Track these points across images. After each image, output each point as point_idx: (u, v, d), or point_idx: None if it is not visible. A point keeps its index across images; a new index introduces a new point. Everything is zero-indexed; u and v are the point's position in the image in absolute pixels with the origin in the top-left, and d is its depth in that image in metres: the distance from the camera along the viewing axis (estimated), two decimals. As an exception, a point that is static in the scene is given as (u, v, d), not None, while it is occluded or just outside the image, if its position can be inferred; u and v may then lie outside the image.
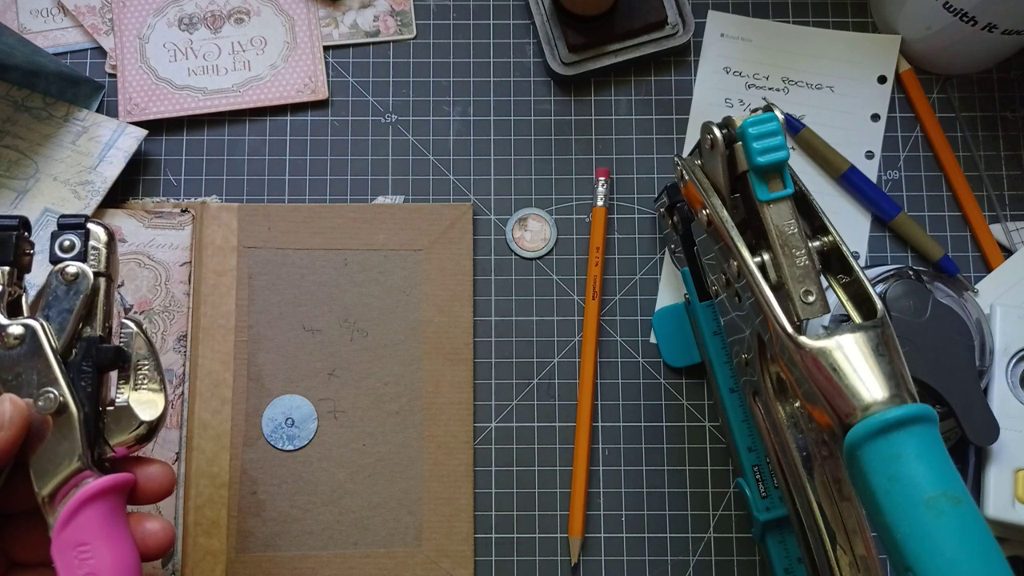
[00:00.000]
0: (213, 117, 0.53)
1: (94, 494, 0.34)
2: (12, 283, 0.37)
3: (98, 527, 0.34)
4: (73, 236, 0.37)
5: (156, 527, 0.36)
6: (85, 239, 0.37)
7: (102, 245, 0.38)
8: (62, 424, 0.35)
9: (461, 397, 0.50)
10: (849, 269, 0.38)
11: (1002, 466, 0.45)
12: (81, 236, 0.37)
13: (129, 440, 0.36)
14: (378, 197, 0.53)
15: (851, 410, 0.34)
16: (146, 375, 0.37)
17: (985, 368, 0.46)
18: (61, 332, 0.36)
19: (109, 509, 0.34)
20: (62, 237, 0.37)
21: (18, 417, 0.34)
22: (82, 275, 0.37)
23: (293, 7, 0.54)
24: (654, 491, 0.50)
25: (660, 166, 0.53)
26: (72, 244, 0.37)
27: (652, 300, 0.52)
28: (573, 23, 0.52)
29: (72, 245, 0.37)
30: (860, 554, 0.38)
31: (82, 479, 0.34)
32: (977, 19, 0.48)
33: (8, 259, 0.37)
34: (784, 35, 0.55)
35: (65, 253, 0.37)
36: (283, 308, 0.50)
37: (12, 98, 0.51)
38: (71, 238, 0.37)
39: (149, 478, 0.37)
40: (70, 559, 0.33)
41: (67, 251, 0.37)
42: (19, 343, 0.35)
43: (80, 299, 0.36)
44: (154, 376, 0.37)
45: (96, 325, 0.37)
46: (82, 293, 0.36)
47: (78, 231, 0.37)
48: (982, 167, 0.53)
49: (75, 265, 0.37)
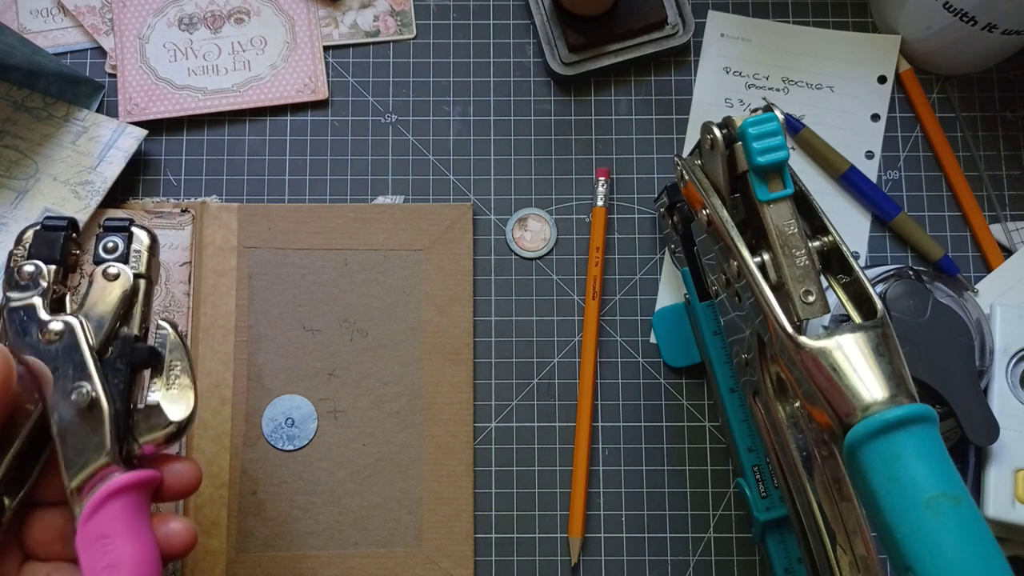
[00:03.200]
0: (213, 117, 0.53)
1: (119, 488, 0.35)
2: (57, 281, 0.38)
3: (121, 521, 0.34)
4: (117, 238, 0.39)
5: (179, 527, 0.37)
6: (128, 241, 0.39)
7: (144, 248, 0.39)
8: (93, 418, 0.35)
9: (461, 397, 0.50)
10: (849, 269, 0.38)
11: (1002, 466, 0.45)
12: (124, 238, 0.39)
13: (158, 438, 0.37)
14: (378, 197, 0.53)
15: (851, 410, 0.34)
16: (178, 375, 0.38)
17: (985, 368, 0.46)
18: (99, 330, 0.37)
19: (133, 504, 0.35)
20: (106, 239, 0.39)
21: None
22: (123, 276, 0.38)
23: (293, 7, 0.54)
24: (654, 491, 0.50)
25: (660, 166, 0.53)
26: (115, 246, 0.39)
27: (652, 300, 0.52)
28: (573, 23, 0.52)
29: (115, 247, 0.39)
30: (860, 554, 0.38)
31: (109, 473, 0.35)
32: (977, 19, 0.48)
33: (55, 258, 0.38)
34: (784, 35, 0.55)
35: (108, 254, 0.38)
36: (283, 308, 0.50)
37: (12, 98, 0.51)
38: (115, 239, 0.39)
39: (175, 474, 0.38)
40: (93, 550, 0.34)
41: (110, 252, 0.38)
42: (58, 338, 0.36)
43: (119, 299, 0.38)
44: (186, 376, 0.38)
45: (133, 324, 0.38)
46: (121, 293, 0.38)
47: (122, 233, 0.39)
48: (982, 167, 0.53)
49: (116, 266, 0.38)
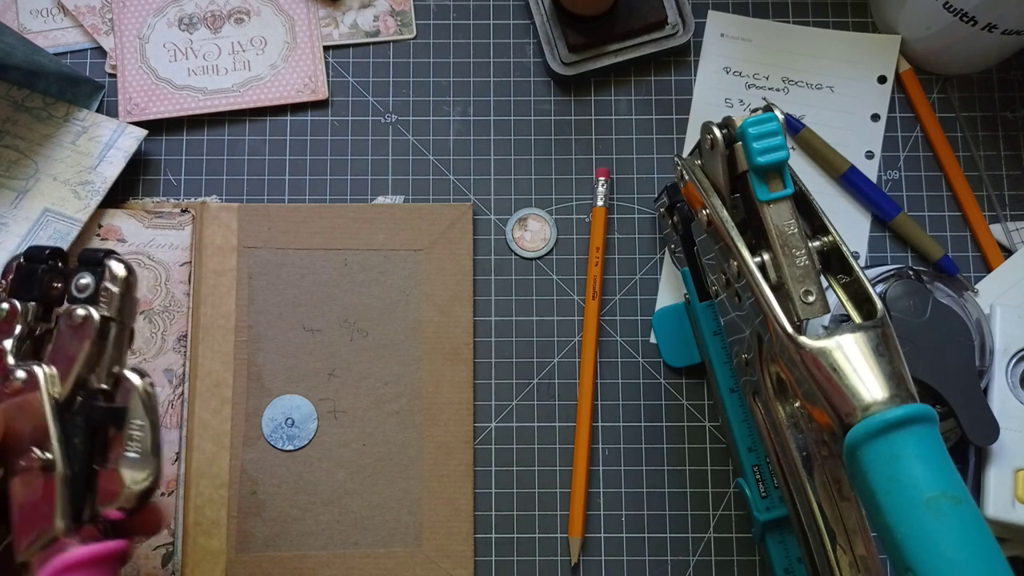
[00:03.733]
0: (213, 117, 0.53)
1: (69, 566, 0.31)
2: (38, 318, 0.35)
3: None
4: (89, 275, 0.35)
5: None
6: (99, 279, 0.35)
7: (117, 286, 0.35)
8: (46, 484, 0.32)
9: (461, 397, 0.50)
10: (849, 269, 0.38)
11: (1002, 466, 0.45)
12: (96, 274, 0.35)
13: (117, 507, 0.33)
14: (378, 197, 0.53)
15: (851, 410, 0.34)
16: (140, 437, 0.34)
17: (985, 368, 0.46)
18: (67, 378, 0.34)
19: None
20: (79, 275, 0.35)
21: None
22: (90, 319, 0.34)
23: (293, 7, 0.54)
24: (654, 491, 0.50)
25: (660, 166, 0.53)
26: (87, 284, 0.35)
27: (652, 300, 0.52)
28: (573, 23, 0.52)
29: (87, 285, 0.35)
30: (860, 554, 0.39)
31: (63, 546, 0.32)
32: (977, 19, 0.48)
33: (32, 295, 0.35)
34: (784, 35, 0.55)
35: (80, 292, 0.35)
36: (283, 308, 0.50)
37: (12, 98, 0.51)
38: (87, 277, 0.35)
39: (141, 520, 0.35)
40: None
41: (82, 291, 0.35)
42: (21, 389, 0.33)
43: (87, 346, 0.34)
44: (148, 438, 0.34)
45: (101, 374, 0.34)
46: (87, 339, 0.34)
47: (95, 268, 0.35)
48: (982, 167, 0.53)
49: (83, 309, 0.34)
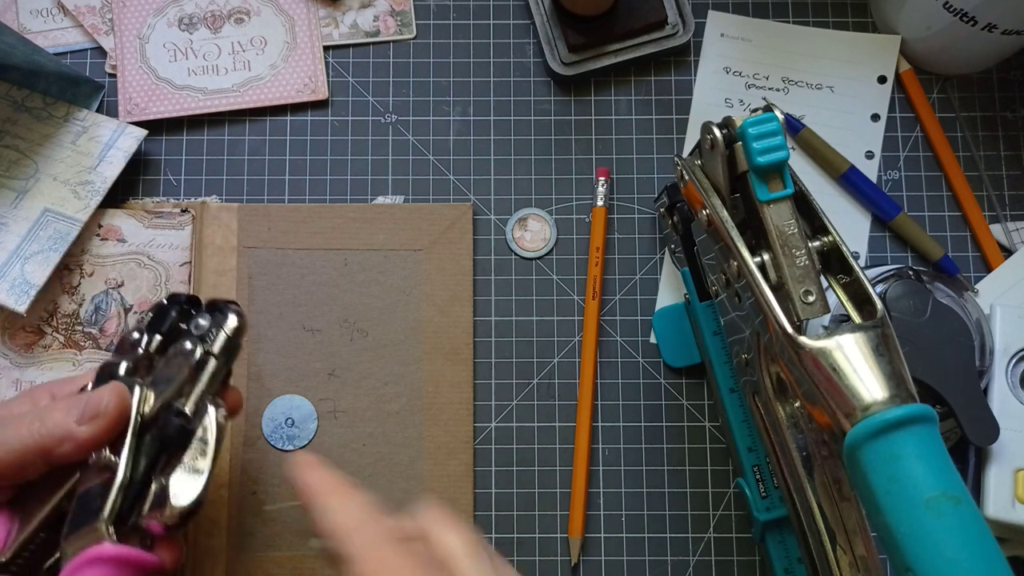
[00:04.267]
0: (213, 117, 0.53)
1: (93, 559, 0.33)
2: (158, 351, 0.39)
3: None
4: (208, 318, 0.39)
5: None
6: (214, 322, 0.39)
7: (227, 331, 0.39)
8: (104, 484, 0.35)
9: (461, 397, 0.50)
10: (849, 269, 0.38)
11: (1002, 466, 0.45)
12: (212, 318, 0.39)
13: (160, 521, 0.36)
14: (378, 197, 0.53)
15: (851, 410, 0.34)
16: (196, 458, 0.37)
17: (985, 368, 0.46)
18: (158, 397, 0.37)
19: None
20: (199, 316, 0.39)
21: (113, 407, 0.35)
22: (192, 351, 0.38)
23: (293, 7, 0.54)
24: (654, 491, 0.50)
25: (660, 166, 0.53)
26: (203, 325, 0.39)
27: (652, 300, 0.52)
28: (573, 23, 0.52)
29: (202, 326, 0.39)
30: (860, 554, 0.39)
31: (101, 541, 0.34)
32: (977, 19, 0.48)
33: (159, 330, 0.39)
34: (784, 35, 0.55)
35: (196, 331, 0.39)
36: (283, 308, 0.50)
37: (12, 98, 0.51)
38: (205, 319, 0.39)
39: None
40: None
41: (198, 330, 0.39)
42: None
43: (184, 372, 0.38)
44: (203, 461, 0.37)
45: (189, 401, 0.37)
46: (186, 367, 0.38)
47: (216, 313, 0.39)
48: (982, 167, 0.53)
49: (190, 342, 0.38)
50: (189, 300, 0.40)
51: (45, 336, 0.50)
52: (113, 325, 0.50)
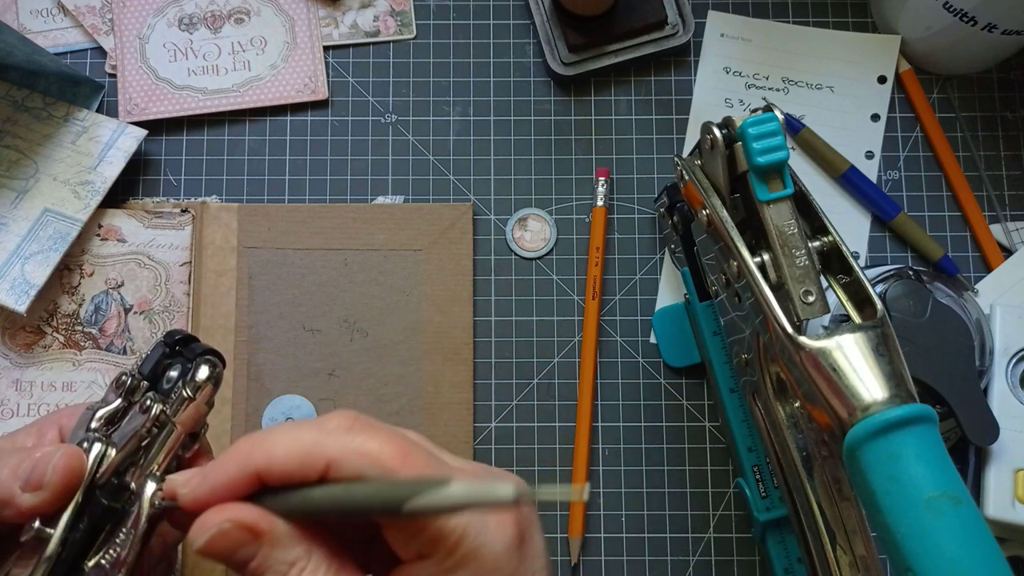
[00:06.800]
0: (213, 117, 0.53)
1: None
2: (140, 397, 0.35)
3: None
4: (179, 368, 0.35)
5: None
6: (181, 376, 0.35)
7: (191, 390, 0.34)
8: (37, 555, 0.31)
9: (461, 397, 0.50)
10: (849, 269, 0.38)
11: (1002, 466, 0.45)
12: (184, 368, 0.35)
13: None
14: (378, 197, 0.53)
15: (851, 410, 0.34)
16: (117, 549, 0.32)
17: (985, 368, 0.46)
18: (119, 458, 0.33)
19: None
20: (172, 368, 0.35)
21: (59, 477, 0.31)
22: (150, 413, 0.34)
23: (293, 7, 0.54)
24: (654, 491, 0.50)
25: (660, 166, 0.53)
26: (172, 378, 0.35)
27: (652, 300, 0.52)
28: (573, 23, 0.52)
29: (172, 378, 0.35)
30: (860, 554, 0.39)
31: None
32: (977, 19, 0.48)
33: (146, 376, 0.35)
34: (784, 35, 0.55)
35: (167, 384, 0.35)
36: (283, 308, 0.50)
37: (12, 98, 0.51)
38: (176, 371, 0.35)
39: None
40: None
41: (169, 382, 0.35)
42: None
43: (137, 436, 0.33)
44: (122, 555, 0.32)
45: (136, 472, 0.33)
46: (143, 431, 0.34)
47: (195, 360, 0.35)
48: (982, 167, 0.53)
49: (148, 401, 0.34)
50: (184, 340, 0.36)
51: (45, 336, 0.50)
52: (113, 325, 0.50)
